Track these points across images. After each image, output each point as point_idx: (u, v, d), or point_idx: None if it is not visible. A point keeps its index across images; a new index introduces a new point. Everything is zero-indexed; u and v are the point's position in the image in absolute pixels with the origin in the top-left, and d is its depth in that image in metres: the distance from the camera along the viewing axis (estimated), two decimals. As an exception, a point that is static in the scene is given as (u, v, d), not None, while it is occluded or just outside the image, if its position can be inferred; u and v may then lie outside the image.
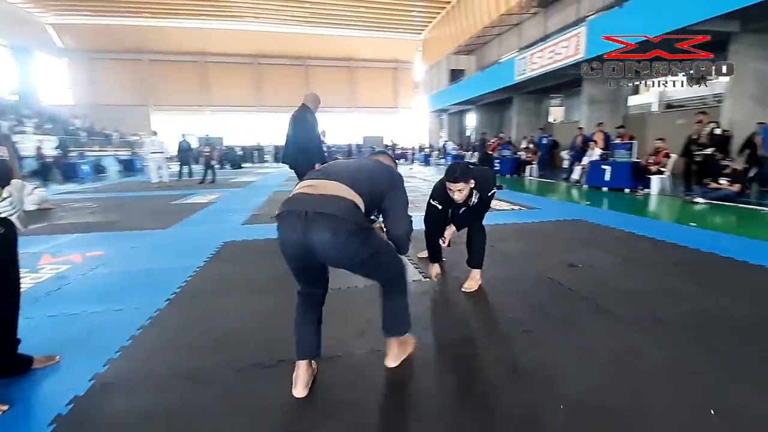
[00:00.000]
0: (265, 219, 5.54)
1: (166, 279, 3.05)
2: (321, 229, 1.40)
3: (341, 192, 1.49)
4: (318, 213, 1.41)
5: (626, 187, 7.53)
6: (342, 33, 30.03)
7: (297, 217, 1.44)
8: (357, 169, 1.66)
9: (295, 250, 1.49)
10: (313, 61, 32.10)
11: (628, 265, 3.23)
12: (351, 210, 1.45)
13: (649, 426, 1.39)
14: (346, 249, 1.44)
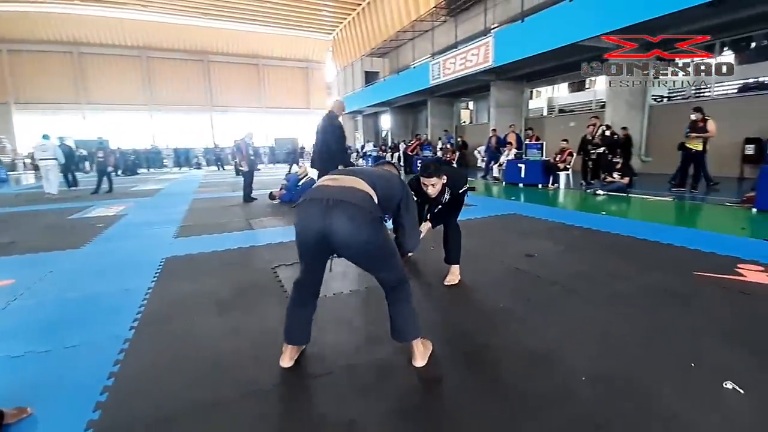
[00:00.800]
0: (197, 230, 5.08)
1: (114, 304, 2.65)
2: (340, 214, 1.54)
3: (359, 185, 1.64)
4: (338, 200, 1.56)
5: (539, 182, 8.47)
6: (246, 28, 28.47)
7: (318, 204, 1.57)
8: (376, 174, 1.79)
9: (313, 235, 1.58)
10: (215, 57, 29.94)
11: (571, 252, 3.66)
12: (367, 200, 1.61)
13: (652, 383, 1.62)
14: (361, 235, 1.56)
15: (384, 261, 1.71)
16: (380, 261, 1.70)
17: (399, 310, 1.78)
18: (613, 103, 9.73)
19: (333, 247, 1.60)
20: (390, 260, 1.72)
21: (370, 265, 1.74)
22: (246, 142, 8.02)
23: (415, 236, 1.96)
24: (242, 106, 31.29)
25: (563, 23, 9.01)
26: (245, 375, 1.79)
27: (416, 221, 1.99)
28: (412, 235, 1.92)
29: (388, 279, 1.75)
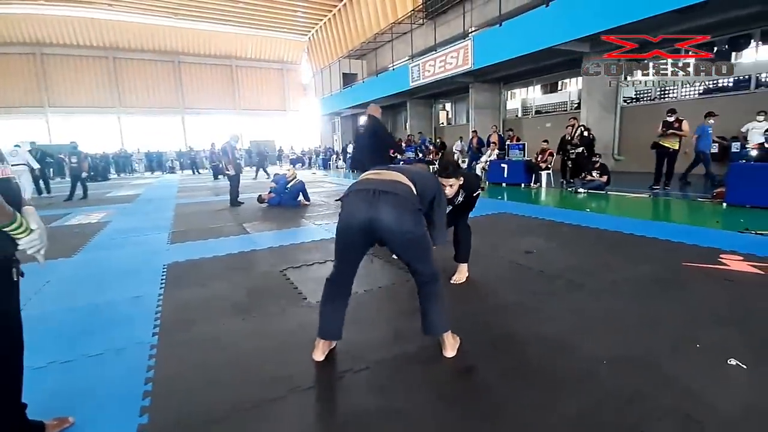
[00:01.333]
0: (191, 236, 5.02)
1: (127, 312, 2.63)
2: (386, 203, 1.66)
3: (400, 179, 1.79)
4: (383, 191, 1.69)
5: (522, 182, 8.76)
6: (218, 29, 27.92)
7: (366, 194, 1.71)
8: (413, 170, 1.94)
9: (359, 223, 1.69)
10: (187, 58, 29.18)
11: (564, 248, 3.85)
12: (410, 192, 1.76)
13: (663, 362, 1.78)
14: (405, 223, 1.68)
15: (422, 252, 1.80)
16: (419, 251, 1.79)
17: (431, 304, 1.87)
18: (588, 104, 10.18)
19: (378, 234, 1.70)
20: (427, 252, 1.82)
21: (409, 255, 1.81)
22: (231, 145, 7.92)
23: (443, 230, 2.09)
24: (216, 108, 30.63)
25: (539, 28, 9.36)
26: (281, 374, 1.83)
27: (445, 217, 2.13)
28: (441, 229, 2.06)
29: (423, 271, 1.83)
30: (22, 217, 1.18)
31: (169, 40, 27.66)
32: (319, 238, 4.66)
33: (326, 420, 1.57)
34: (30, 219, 1.21)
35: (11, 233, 1.15)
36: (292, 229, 5.39)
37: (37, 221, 1.23)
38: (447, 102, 18.39)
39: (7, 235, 1.16)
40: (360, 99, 19.52)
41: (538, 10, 9.39)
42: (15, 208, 1.17)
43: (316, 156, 24.61)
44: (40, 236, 1.22)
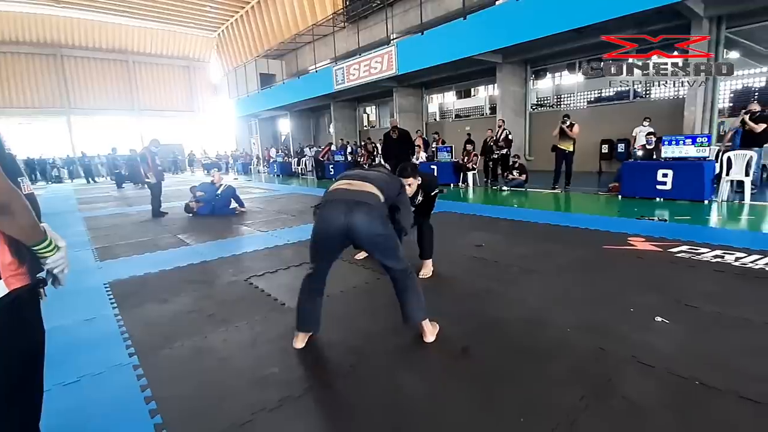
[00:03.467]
0: (122, 251, 4.57)
1: (86, 336, 2.41)
2: (361, 214, 1.91)
3: (371, 189, 2.02)
4: (358, 201, 1.94)
5: (451, 182, 9.38)
6: (110, 19, 25.04)
7: (343, 205, 1.94)
8: (380, 177, 2.16)
9: (336, 228, 1.92)
10: (71, 51, 25.63)
11: (509, 240, 4.30)
12: (378, 200, 2.00)
13: (612, 325, 2.17)
14: (375, 228, 1.94)
15: (392, 250, 2.04)
16: (389, 249, 2.03)
17: (407, 295, 2.10)
18: (502, 110, 11.24)
19: (353, 238, 1.95)
20: (396, 251, 2.06)
21: (381, 254, 2.04)
22: (152, 151, 7.25)
23: (409, 216, 2.34)
24: (109, 108, 27.36)
25: (458, 39, 10.11)
26: (293, 376, 1.86)
27: (411, 213, 2.41)
28: (407, 217, 2.30)
29: (395, 266, 2.06)
30: (49, 234, 1.08)
31: (49, 30, 24.07)
32: (272, 245, 4.56)
33: (356, 408, 1.64)
34: (56, 236, 1.11)
35: (41, 251, 1.06)
36: (237, 238, 5.18)
37: (61, 238, 1.13)
38: (371, 105, 18.78)
39: (35, 255, 1.06)
40: (281, 101, 19.02)
41: (456, 22, 10.13)
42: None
43: (234, 160, 23.35)
44: (65, 254, 1.13)
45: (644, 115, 8.45)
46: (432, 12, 12.57)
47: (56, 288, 1.20)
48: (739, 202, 5.64)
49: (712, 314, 2.28)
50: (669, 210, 5.41)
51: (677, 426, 1.44)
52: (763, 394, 1.56)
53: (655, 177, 6.16)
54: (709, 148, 5.94)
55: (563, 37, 8.59)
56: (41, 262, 1.09)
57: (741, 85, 8.96)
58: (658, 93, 9.86)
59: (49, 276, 1.12)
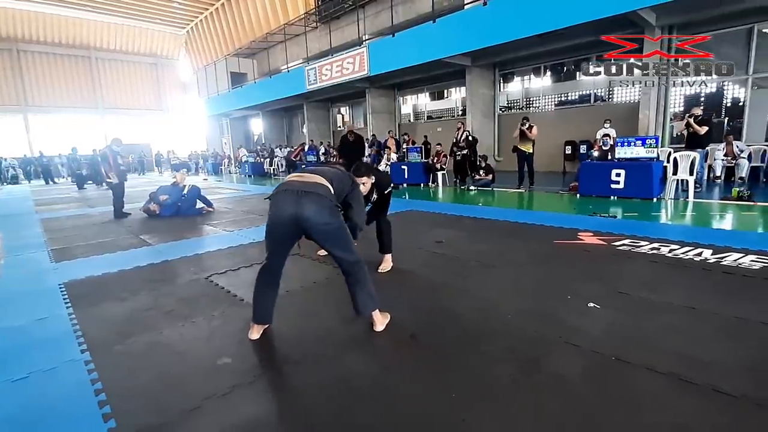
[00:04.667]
0: (80, 252, 4.48)
1: (39, 335, 2.39)
2: (308, 202, 1.97)
3: (320, 180, 2.09)
4: (306, 191, 2.00)
5: (421, 182, 9.57)
6: (71, 14, 24.02)
7: (292, 194, 2.00)
8: (330, 172, 2.22)
9: (287, 218, 1.98)
10: (28, 46, 24.42)
11: (470, 237, 4.47)
12: (327, 191, 2.06)
13: (550, 311, 2.34)
14: (324, 217, 1.99)
15: (341, 241, 2.08)
16: (338, 240, 2.08)
17: (357, 287, 2.16)
18: (471, 111, 11.53)
19: (302, 226, 1.99)
20: (347, 242, 2.10)
21: (330, 243, 2.08)
22: (113, 150, 7.07)
23: (361, 213, 2.41)
24: (71, 106, 26.21)
25: (428, 41, 10.31)
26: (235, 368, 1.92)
27: (363, 210, 2.46)
28: (360, 213, 2.37)
29: (345, 258, 2.10)
30: None
31: (6, 24, 22.86)
32: (236, 243, 4.57)
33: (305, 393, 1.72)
34: None
35: None
36: (202, 237, 5.15)
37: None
38: (344, 106, 18.80)
39: None
40: (252, 100, 18.78)
41: (426, 25, 10.32)
42: None
43: (204, 161, 22.83)
44: (3, 246, 1.16)
45: (605, 118, 8.89)
46: (403, 14, 12.74)
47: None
48: (683, 200, 6.05)
49: (640, 299, 2.49)
50: (620, 207, 5.74)
51: (590, 395, 1.60)
52: (667, 365, 1.76)
53: (609, 176, 6.51)
54: (658, 149, 6.34)
55: (528, 42, 8.92)
56: None
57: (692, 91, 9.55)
58: (619, 96, 10.37)
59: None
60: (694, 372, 1.70)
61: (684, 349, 1.90)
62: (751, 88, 8.05)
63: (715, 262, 3.11)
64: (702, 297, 2.48)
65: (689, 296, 2.50)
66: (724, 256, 3.22)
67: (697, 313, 2.28)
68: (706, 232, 4.17)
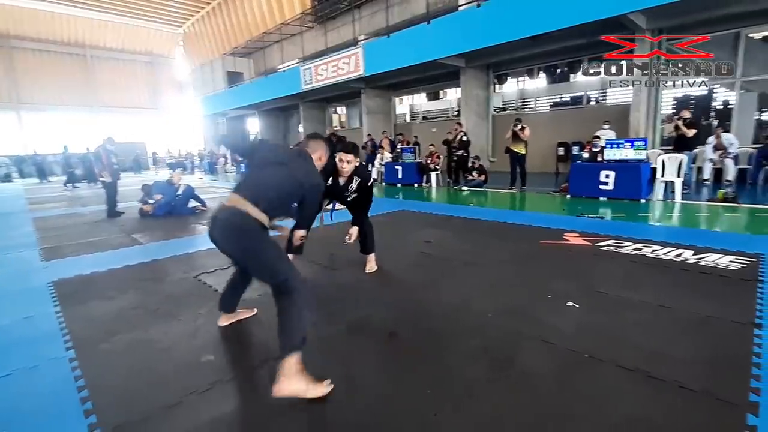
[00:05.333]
0: (71, 250, 4.51)
1: (25, 333, 2.42)
2: (218, 228, 1.85)
3: (239, 204, 1.83)
4: (217, 218, 1.87)
5: (414, 182, 9.62)
6: (66, 11, 23.91)
7: (211, 220, 1.90)
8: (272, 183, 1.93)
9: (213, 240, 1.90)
10: (20, 43, 24.29)
11: (458, 236, 4.53)
12: (241, 216, 1.81)
13: (529, 310, 2.39)
14: (233, 243, 1.86)
15: (257, 264, 1.85)
16: (254, 263, 1.87)
17: (281, 318, 1.74)
18: (465, 112, 11.59)
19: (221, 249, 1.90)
20: (262, 264, 1.83)
21: (249, 267, 1.97)
22: (106, 149, 7.08)
23: (308, 217, 2.44)
24: (65, 104, 26.09)
25: (423, 42, 10.37)
26: (217, 365, 1.98)
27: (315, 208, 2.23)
28: (306, 216, 2.38)
29: (270, 283, 1.83)
30: None
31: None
32: (227, 242, 4.59)
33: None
34: None
35: None
36: (193, 236, 5.18)
37: None
38: (340, 106, 18.82)
39: None
40: (248, 99, 18.78)
41: (421, 26, 10.38)
42: None
43: (200, 159, 22.79)
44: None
45: (601, 119, 8.99)
46: (398, 15, 12.80)
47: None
48: (670, 201, 6.13)
49: (617, 299, 2.55)
50: (609, 208, 5.81)
51: (562, 391, 1.65)
52: (636, 361, 1.82)
53: (598, 178, 6.59)
54: (646, 151, 6.42)
55: (521, 43, 8.99)
56: None
57: (681, 93, 9.66)
58: (612, 98, 10.46)
59: None
60: (661, 368, 1.76)
61: (655, 346, 1.96)
62: (739, 92, 8.16)
63: (694, 262, 3.18)
64: (677, 296, 2.54)
65: (665, 295, 2.56)
66: (703, 256, 3.29)
67: (670, 311, 2.34)
68: (689, 233, 4.25)
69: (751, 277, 2.78)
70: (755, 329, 2.07)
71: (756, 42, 8.03)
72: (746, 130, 8.16)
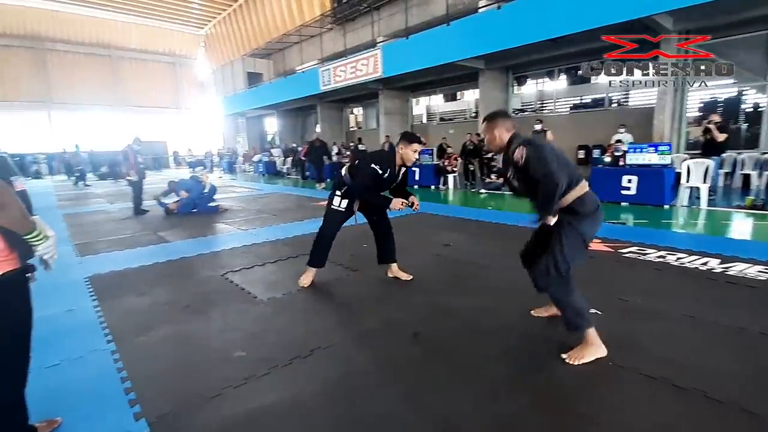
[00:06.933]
0: (102, 247, 4.73)
1: (67, 325, 2.58)
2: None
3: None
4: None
5: (432, 184, 9.64)
6: (93, 13, 24.72)
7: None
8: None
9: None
10: (54, 45, 25.16)
11: (474, 240, 4.55)
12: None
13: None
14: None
15: None
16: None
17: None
18: (484, 114, 11.53)
19: None
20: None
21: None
22: (133, 149, 7.31)
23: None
24: (91, 103, 26.92)
25: (442, 44, 10.36)
26: (261, 356, 2.06)
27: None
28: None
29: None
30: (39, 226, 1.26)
31: (30, 22, 23.62)
32: (250, 242, 4.72)
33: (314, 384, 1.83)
34: (45, 227, 1.29)
35: (31, 241, 1.24)
36: (216, 236, 5.33)
37: (50, 228, 1.31)
38: (357, 107, 18.94)
39: (27, 243, 1.24)
40: (267, 100, 19.06)
41: (440, 28, 10.38)
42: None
43: (220, 158, 23.26)
44: (54, 243, 1.31)
45: (623, 122, 8.84)
46: (417, 17, 12.82)
47: (46, 271, 1.38)
48: (696, 208, 6.00)
49: (640, 306, 2.55)
50: (631, 214, 5.73)
51: (581, 395, 1.68)
52: (661, 370, 1.82)
53: (620, 182, 6.50)
54: (670, 156, 6.30)
55: (541, 45, 8.92)
56: (32, 250, 1.27)
57: (708, 96, 9.42)
58: (634, 101, 10.28)
59: (41, 263, 1.30)
60: (686, 378, 1.76)
61: (679, 355, 1.96)
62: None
63: (721, 271, 3.13)
64: (703, 306, 2.52)
65: (689, 305, 2.54)
66: (730, 265, 3.24)
67: (695, 321, 2.33)
68: (715, 241, 4.17)
69: (780, 288, 2.73)
70: (784, 341, 2.05)
71: (788, 44, 7.78)
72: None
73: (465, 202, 7.62)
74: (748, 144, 8.27)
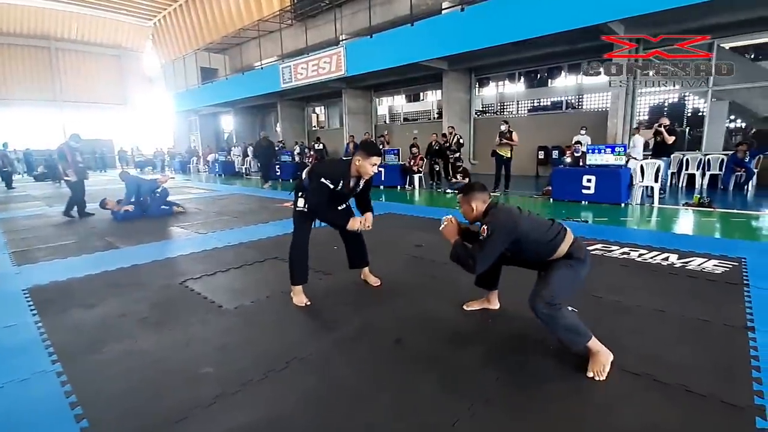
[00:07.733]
0: (43, 254, 4.27)
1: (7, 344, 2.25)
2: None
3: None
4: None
5: (398, 184, 9.60)
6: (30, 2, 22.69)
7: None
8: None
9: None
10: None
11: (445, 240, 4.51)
12: None
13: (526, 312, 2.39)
14: None
15: None
16: None
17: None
18: (448, 115, 11.68)
19: None
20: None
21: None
22: (71, 146, 6.70)
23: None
24: (26, 98, 24.74)
25: (406, 44, 10.36)
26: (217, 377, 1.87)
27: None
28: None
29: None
30: None
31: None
32: (210, 247, 4.42)
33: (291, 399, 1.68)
34: None
35: None
36: (173, 240, 4.98)
37: None
38: (320, 105, 18.61)
39: None
40: (224, 96, 18.27)
41: (404, 28, 10.37)
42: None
43: (171, 158, 22.03)
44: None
45: (578, 124, 9.23)
46: (381, 16, 12.75)
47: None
48: (648, 206, 6.36)
49: (613, 302, 2.60)
50: (591, 212, 5.96)
51: (569, 394, 1.66)
52: (640, 366, 1.86)
53: (581, 182, 6.76)
54: (625, 157, 6.64)
55: (504, 48, 9.12)
56: None
57: (656, 101, 10.06)
58: (589, 104, 10.79)
59: None
60: (665, 373, 1.79)
61: (656, 351, 2.00)
62: (711, 100, 8.56)
63: (681, 266, 3.29)
64: (669, 300, 2.61)
65: (658, 299, 2.63)
66: (688, 260, 3.41)
67: (665, 315, 2.40)
68: (672, 237, 4.41)
69: (736, 281, 2.89)
70: (749, 332, 2.15)
71: (727, 52, 8.44)
72: (717, 137, 8.57)
73: (432, 202, 7.64)
74: (691, 146, 8.92)
